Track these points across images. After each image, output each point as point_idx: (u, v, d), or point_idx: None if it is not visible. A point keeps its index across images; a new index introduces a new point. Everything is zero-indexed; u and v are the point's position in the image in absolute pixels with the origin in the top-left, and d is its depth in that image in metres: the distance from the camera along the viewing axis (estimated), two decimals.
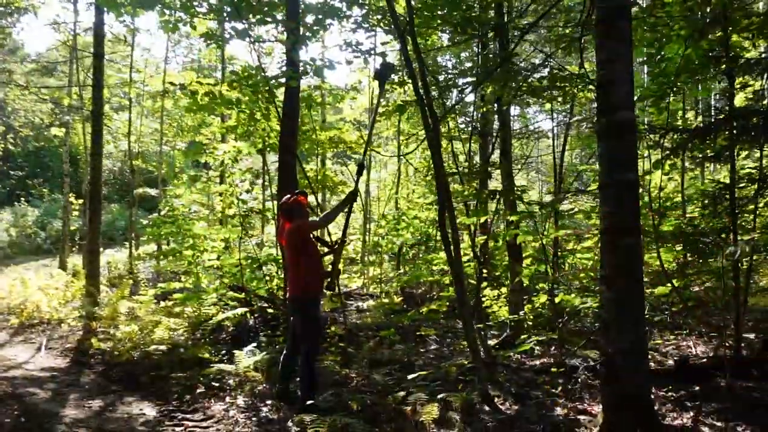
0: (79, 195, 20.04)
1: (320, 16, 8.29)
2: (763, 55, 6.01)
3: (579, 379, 5.64)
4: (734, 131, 5.61)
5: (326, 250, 6.20)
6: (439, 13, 7.45)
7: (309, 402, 5.31)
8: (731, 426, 4.36)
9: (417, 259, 13.34)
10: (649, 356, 5.50)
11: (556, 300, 6.93)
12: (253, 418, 5.47)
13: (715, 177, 14.64)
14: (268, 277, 9.86)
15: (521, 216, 6.98)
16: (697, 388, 5.17)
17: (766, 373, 5.20)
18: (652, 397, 4.58)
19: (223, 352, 7.88)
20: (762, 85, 6.13)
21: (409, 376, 5.76)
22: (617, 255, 4.35)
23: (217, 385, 6.48)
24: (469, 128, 10.11)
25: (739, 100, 7.84)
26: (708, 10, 6.23)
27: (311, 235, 5.89)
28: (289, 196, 5.97)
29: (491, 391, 5.34)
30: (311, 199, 14.57)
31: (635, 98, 5.35)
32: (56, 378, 7.24)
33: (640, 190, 5.34)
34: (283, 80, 8.14)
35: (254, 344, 7.24)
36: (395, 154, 16.71)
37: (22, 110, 23.28)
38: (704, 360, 5.81)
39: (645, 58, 7.26)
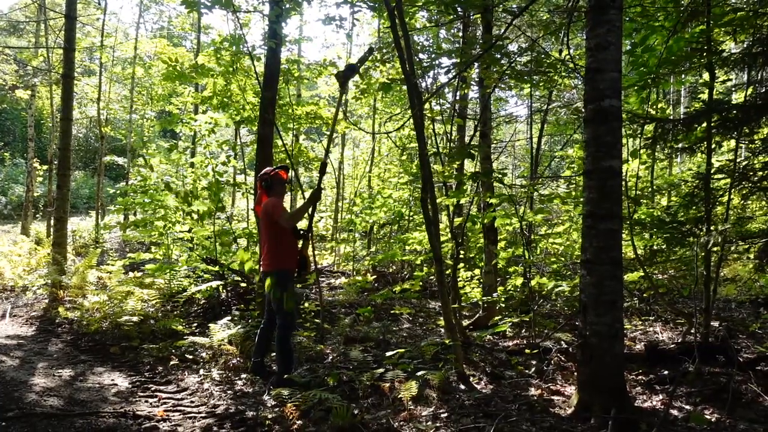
0: (44, 160, 19.53)
1: None
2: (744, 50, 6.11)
3: (552, 361, 5.76)
4: (712, 123, 5.73)
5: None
6: None
7: (285, 376, 5.32)
8: (699, 409, 4.51)
9: (389, 238, 13.39)
10: None
11: (532, 283, 7.03)
12: (228, 391, 5.46)
13: (682, 168, 14.98)
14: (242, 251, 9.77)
15: (502, 199, 7.03)
16: (666, 372, 5.32)
17: (731, 360, 5.36)
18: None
19: (195, 324, 7.84)
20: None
21: (387, 354, 5.80)
22: (598, 239, 4.43)
23: (190, 357, 6.44)
24: (449, 110, 10.11)
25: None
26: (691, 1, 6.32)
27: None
28: (270, 168, 5.92)
29: (467, 370, 5.42)
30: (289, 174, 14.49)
31: None
32: (23, 346, 7.10)
33: None
34: (265, 49, 8.02)
35: (228, 318, 7.19)
36: (372, 131, 16.64)
37: None
38: (672, 346, 5.97)
39: (627, 48, 7.33)
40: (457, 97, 9.36)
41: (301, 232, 5.94)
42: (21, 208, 21.38)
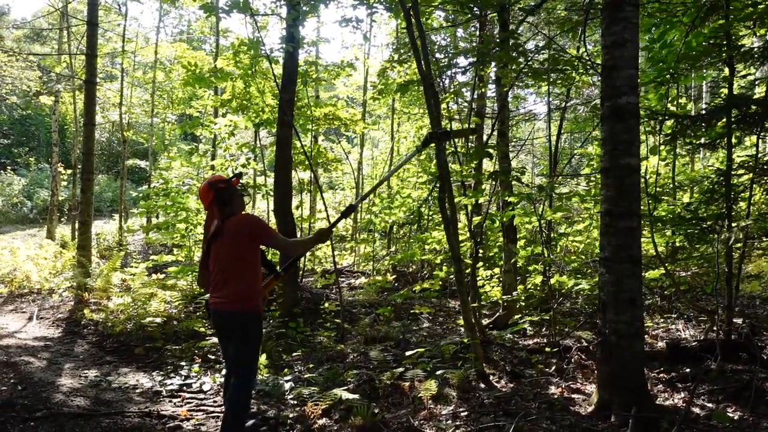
0: (68, 165, 19.84)
1: None
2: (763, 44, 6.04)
3: (572, 359, 5.75)
4: (732, 119, 5.67)
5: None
6: None
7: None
8: (722, 407, 4.47)
9: (408, 238, 13.41)
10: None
11: (552, 281, 7.01)
12: (252, 392, 5.51)
13: (704, 164, 14.80)
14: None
15: (520, 197, 7.02)
16: (688, 370, 5.28)
17: (755, 357, 5.30)
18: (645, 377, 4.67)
19: None
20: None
21: (407, 353, 5.83)
22: (617, 237, 4.41)
23: (213, 358, 6.53)
24: (466, 109, 10.11)
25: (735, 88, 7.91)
26: None
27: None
28: (220, 176, 4.44)
29: (486, 369, 5.43)
30: (305, 175, 14.57)
31: None
32: (50, 347, 7.25)
33: None
34: (283, 52, 8.10)
35: None
36: (389, 132, 16.66)
37: (9, 77, 22.87)
38: (695, 343, 5.92)
39: (646, 44, 7.28)
40: (475, 96, 9.36)
41: (279, 270, 4.70)
42: (46, 212, 21.74)
